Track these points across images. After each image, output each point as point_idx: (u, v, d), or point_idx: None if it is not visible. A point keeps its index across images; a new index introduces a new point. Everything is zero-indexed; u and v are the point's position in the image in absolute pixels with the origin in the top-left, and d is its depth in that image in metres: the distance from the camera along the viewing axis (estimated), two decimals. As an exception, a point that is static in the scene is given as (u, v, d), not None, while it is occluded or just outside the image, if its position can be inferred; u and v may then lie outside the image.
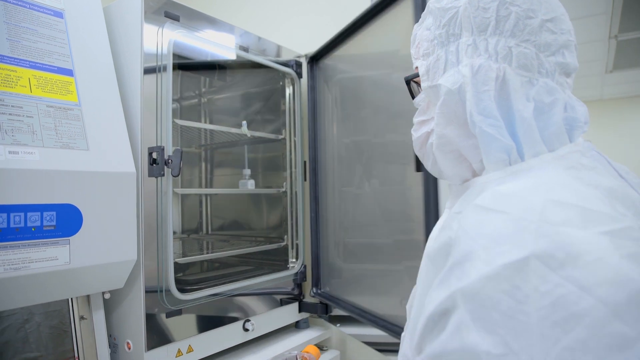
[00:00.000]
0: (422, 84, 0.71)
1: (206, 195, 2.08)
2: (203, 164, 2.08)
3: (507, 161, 0.61)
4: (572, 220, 0.46)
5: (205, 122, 2.02)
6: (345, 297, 1.66)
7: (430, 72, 0.69)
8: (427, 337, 0.53)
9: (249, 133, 1.66)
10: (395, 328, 1.34)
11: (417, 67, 0.73)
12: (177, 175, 1.25)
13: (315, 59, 1.78)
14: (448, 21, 0.66)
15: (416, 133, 0.76)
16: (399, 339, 1.11)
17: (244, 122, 1.65)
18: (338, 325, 1.71)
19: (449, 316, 0.48)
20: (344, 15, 1.87)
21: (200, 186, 2.08)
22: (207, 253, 1.97)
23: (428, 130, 0.73)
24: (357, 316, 1.51)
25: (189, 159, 2.07)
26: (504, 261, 0.45)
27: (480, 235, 0.49)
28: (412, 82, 0.77)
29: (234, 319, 1.49)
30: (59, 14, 1.15)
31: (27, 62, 1.05)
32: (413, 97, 0.77)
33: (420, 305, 0.60)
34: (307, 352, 1.13)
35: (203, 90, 2.03)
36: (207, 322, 1.40)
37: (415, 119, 0.76)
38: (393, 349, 1.34)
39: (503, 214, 0.50)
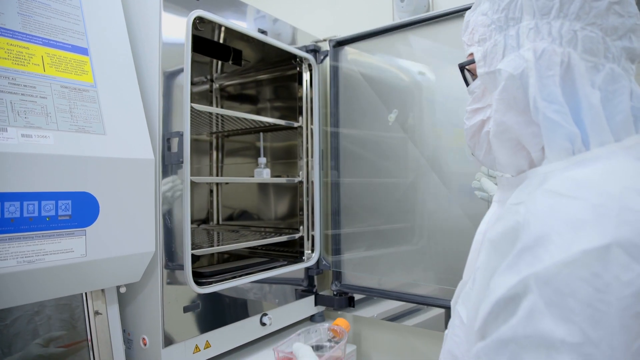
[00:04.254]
0: (479, 70, 0.69)
1: (217, 184, 2.01)
2: (214, 153, 2.01)
3: (570, 150, 0.58)
4: None
5: (217, 108, 1.94)
6: (369, 285, 1.66)
7: (488, 58, 0.67)
8: (492, 322, 0.51)
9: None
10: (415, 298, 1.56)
11: (470, 54, 0.72)
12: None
13: (341, 44, 1.71)
14: (507, 5, 0.64)
15: (469, 121, 0.74)
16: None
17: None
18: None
19: (519, 301, 0.46)
20: (367, 3, 1.81)
21: (210, 175, 2.01)
22: (219, 244, 1.90)
23: (483, 118, 0.71)
24: (382, 297, 1.64)
25: (197, 147, 2.00)
26: (583, 247, 0.43)
27: (554, 220, 0.48)
28: (465, 70, 0.74)
29: (252, 313, 1.44)
30: (71, -12, 1.07)
31: (40, 39, 0.97)
32: (467, 85, 0.75)
33: (481, 291, 0.57)
34: (338, 325, 1.08)
35: (215, 75, 1.95)
36: (225, 317, 1.34)
37: (469, 107, 0.74)
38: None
39: (578, 200, 0.48)
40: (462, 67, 0.74)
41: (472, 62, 0.71)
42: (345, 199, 1.72)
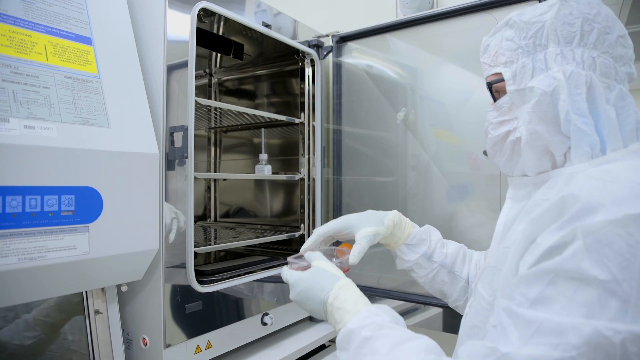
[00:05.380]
0: (508, 88, 0.80)
1: (214, 180, 1.98)
2: (212, 148, 1.97)
3: (590, 155, 0.71)
4: None
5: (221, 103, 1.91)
6: (369, 284, 1.64)
7: (517, 77, 0.78)
8: (537, 265, 0.60)
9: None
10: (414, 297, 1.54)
11: (493, 74, 0.83)
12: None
13: (345, 39, 1.68)
14: (534, 33, 0.76)
15: (495, 131, 0.84)
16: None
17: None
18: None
19: (566, 247, 0.57)
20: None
21: (208, 171, 1.97)
22: (216, 241, 1.87)
23: (510, 129, 0.81)
24: (382, 296, 1.61)
25: (195, 142, 1.96)
26: (626, 212, 0.54)
27: (600, 195, 0.58)
28: (491, 87, 0.85)
29: (253, 313, 1.41)
30: (74, -25, 1.03)
31: (43, 27, 0.93)
32: (494, 100, 0.84)
33: (515, 257, 0.68)
34: (344, 247, 1.08)
35: (214, 69, 1.92)
36: (226, 317, 1.31)
37: (495, 119, 0.84)
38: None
39: (616, 183, 0.59)
40: (490, 85, 0.84)
41: (500, 80, 0.81)
42: (347, 197, 1.71)
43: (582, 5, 0.75)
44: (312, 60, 1.68)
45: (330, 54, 1.70)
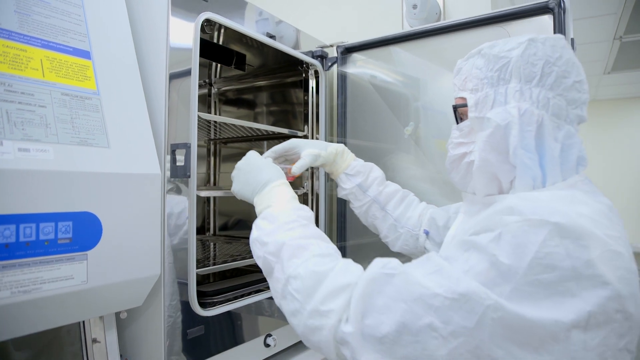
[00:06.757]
0: (470, 114, 0.86)
1: (213, 193, 1.92)
2: (211, 159, 1.92)
3: (532, 185, 0.79)
4: (586, 222, 0.66)
5: (215, 114, 1.85)
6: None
7: (479, 106, 0.84)
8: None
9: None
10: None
11: (461, 98, 0.89)
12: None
13: (350, 50, 1.64)
14: (500, 68, 0.82)
15: (453, 151, 0.92)
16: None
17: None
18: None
19: (485, 232, 0.69)
20: (374, 8, 1.74)
21: (207, 182, 1.91)
22: (215, 258, 1.81)
23: (466, 151, 0.89)
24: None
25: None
26: (537, 218, 0.65)
27: (525, 208, 0.68)
28: (456, 110, 0.91)
29: (255, 335, 1.35)
30: (71, -15, 0.97)
31: (39, 41, 0.87)
32: (457, 122, 0.91)
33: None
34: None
35: (214, 79, 1.86)
36: (228, 340, 1.26)
37: (455, 140, 0.91)
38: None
39: (541, 204, 0.69)
40: (455, 108, 0.90)
41: (464, 105, 0.87)
42: (351, 212, 1.65)
43: (547, 47, 0.80)
44: (316, 72, 1.64)
45: (335, 65, 1.65)
